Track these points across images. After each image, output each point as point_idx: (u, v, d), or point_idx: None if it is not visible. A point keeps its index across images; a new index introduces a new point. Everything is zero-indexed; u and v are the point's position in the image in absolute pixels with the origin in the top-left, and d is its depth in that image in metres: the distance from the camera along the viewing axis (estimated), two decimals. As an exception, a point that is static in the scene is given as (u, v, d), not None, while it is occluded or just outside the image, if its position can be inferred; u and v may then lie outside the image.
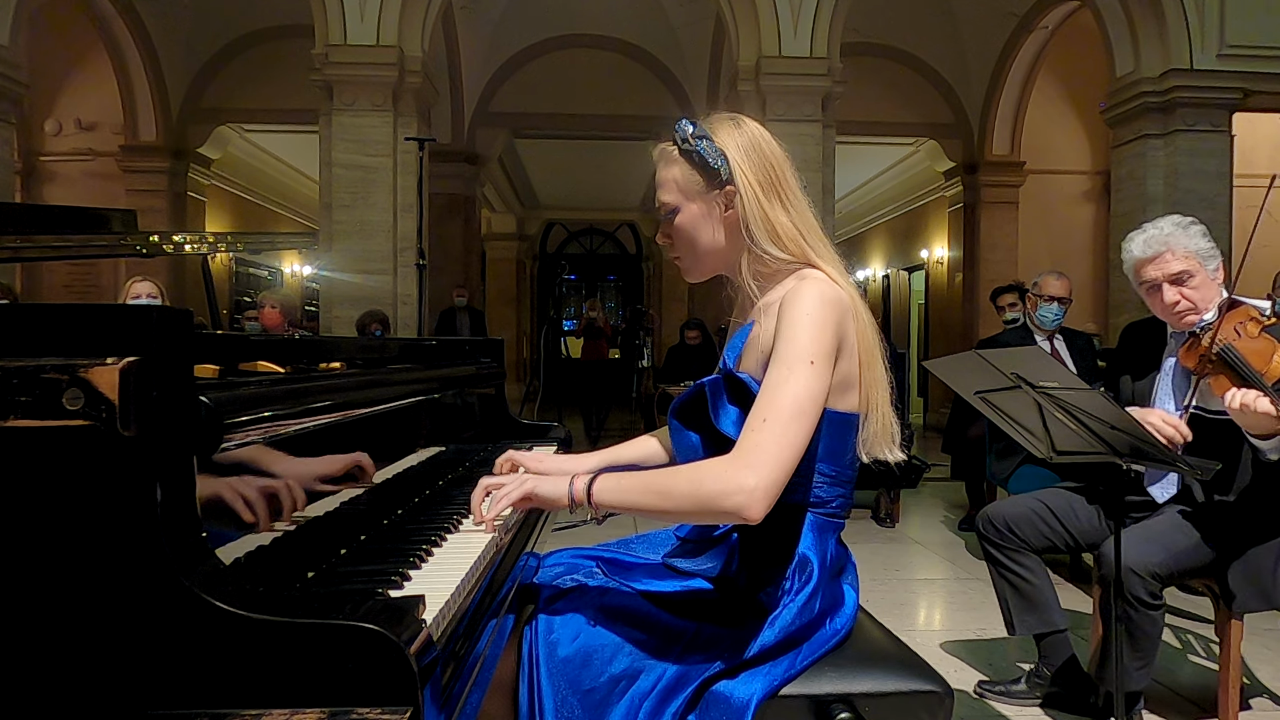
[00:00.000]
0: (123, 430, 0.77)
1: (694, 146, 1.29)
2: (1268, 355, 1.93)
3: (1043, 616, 2.39)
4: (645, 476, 1.25)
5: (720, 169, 1.28)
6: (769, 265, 1.30)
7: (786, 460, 1.14)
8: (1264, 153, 8.73)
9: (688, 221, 1.33)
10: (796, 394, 1.16)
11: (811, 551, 1.27)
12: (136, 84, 8.87)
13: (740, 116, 1.34)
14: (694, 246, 1.35)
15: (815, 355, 1.18)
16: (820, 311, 1.20)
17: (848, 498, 1.34)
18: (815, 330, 1.19)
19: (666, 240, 1.38)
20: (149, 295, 3.74)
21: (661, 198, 1.35)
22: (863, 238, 14.54)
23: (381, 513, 1.39)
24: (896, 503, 5.10)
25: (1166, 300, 2.18)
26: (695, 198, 1.32)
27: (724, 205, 1.30)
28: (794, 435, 1.15)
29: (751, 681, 1.22)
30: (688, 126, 1.31)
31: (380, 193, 6.60)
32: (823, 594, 1.29)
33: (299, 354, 1.51)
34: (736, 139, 1.30)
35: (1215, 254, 2.19)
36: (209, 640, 0.77)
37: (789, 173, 1.32)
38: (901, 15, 9.05)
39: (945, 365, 1.85)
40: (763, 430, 1.15)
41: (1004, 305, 5.30)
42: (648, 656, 1.25)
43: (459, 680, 0.92)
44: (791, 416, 1.15)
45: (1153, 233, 2.22)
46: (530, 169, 14.25)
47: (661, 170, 1.35)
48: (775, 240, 1.29)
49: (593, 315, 11.11)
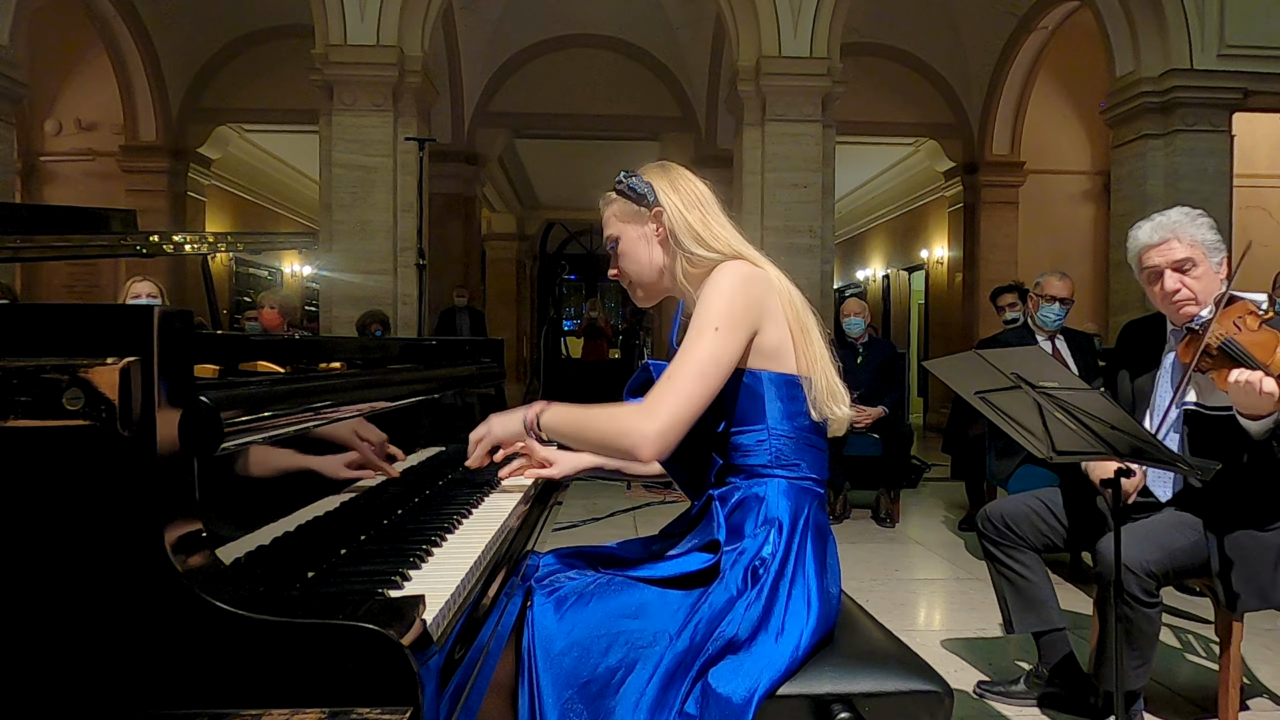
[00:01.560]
0: (123, 430, 0.77)
1: (626, 184, 1.51)
2: (1271, 348, 1.92)
3: (1041, 615, 2.39)
4: (579, 411, 1.44)
5: (646, 194, 1.49)
6: (699, 265, 1.45)
7: (683, 411, 1.31)
8: (1264, 153, 8.74)
9: (628, 246, 1.52)
10: (700, 356, 1.32)
11: (784, 513, 1.36)
12: (136, 84, 8.87)
13: (669, 163, 1.56)
14: (637, 268, 1.52)
15: (720, 323, 1.34)
16: (730, 285, 1.37)
17: (818, 464, 1.43)
18: (723, 302, 1.35)
19: (616, 272, 1.57)
20: (149, 295, 3.74)
21: (606, 233, 1.55)
22: (863, 238, 14.55)
23: (381, 513, 1.40)
24: (896, 503, 5.10)
25: (1167, 287, 2.18)
26: (630, 222, 1.51)
27: (655, 225, 1.49)
28: (692, 390, 1.31)
29: (751, 669, 1.24)
30: (622, 173, 1.54)
31: (380, 193, 6.61)
32: (798, 551, 1.34)
33: (299, 354, 1.51)
34: (664, 175, 1.51)
35: (1220, 248, 2.19)
36: (209, 640, 0.77)
37: (712, 200, 1.51)
38: (901, 15, 9.05)
39: (945, 365, 1.85)
40: (666, 386, 1.33)
41: (1004, 305, 5.31)
42: (644, 644, 1.27)
43: (459, 680, 0.91)
44: (692, 375, 1.32)
45: (1160, 220, 2.23)
46: (530, 169, 14.25)
47: (604, 213, 1.55)
48: (701, 243, 1.45)
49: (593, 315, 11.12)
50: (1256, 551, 2.12)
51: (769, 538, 1.34)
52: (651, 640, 1.27)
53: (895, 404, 5.18)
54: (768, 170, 6.86)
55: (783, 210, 6.84)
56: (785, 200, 6.84)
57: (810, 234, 6.84)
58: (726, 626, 1.27)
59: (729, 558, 1.34)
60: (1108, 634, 2.13)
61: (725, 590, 1.30)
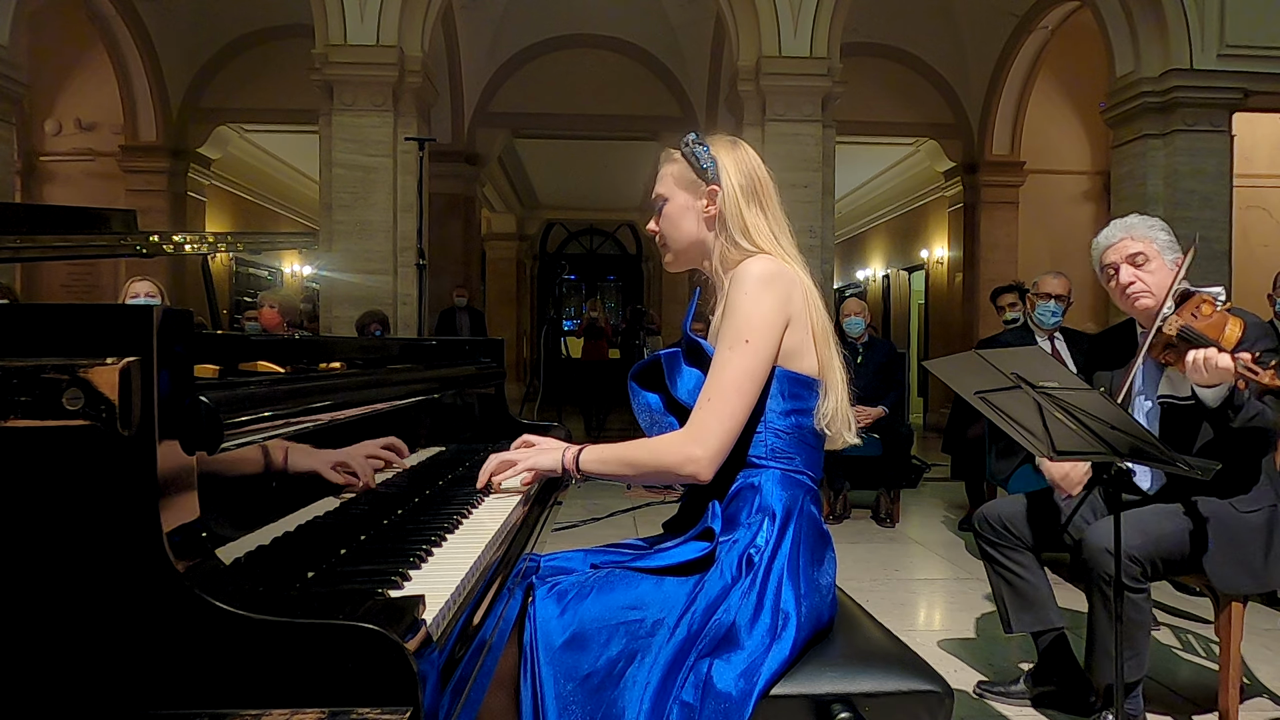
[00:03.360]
0: (122, 430, 0.77)
1: (693, 149, 1.50)
2: (1221, 326, 2.03)
3: (1039, 615, 2.40)
4: (618, 449, 1.47)
5: (709, 170, 1.48)
6: (734, 255, 1.47)
7: (728, 431, 1.36)
8: (1264, 153, 8.73)
9: (675, 211, 1.52)
10: (735, 374, 1.36)
11: (777, 503, 1.39)
12: (136, 84, 8.86)
13: (740, 141, 1.55)
14: (677, 234, 1.53)
15: (750, 333, 1.36)
16: (756, 288, 1.38)
17: (813, 461, 1.45)
18: (751, 307, 1.37)
19: (654, 229, 1.57)
20: (149, 295, 3.73)
21: (657, 189, 1.55)
22: (863, 238, 14.54)
23: (381, 513, 1.40)
24: (896, 503, 5.10)
25: (1122, 280, 2.29)
26: (684, 190, 1.51)
27: (707, 202, 1.49)
28: (733, 409, 1.36)
29: (748, 658, 1.26)
30: (692, 135, 1.52)
31: (380, 193, 6.60)
32: (791, 542, 1.36)
33: (299, 354, 1.52)
34: (730, 153, 1.50)
35: (1174, 248, 2.30)
36: (209, 640, 0.77)
37: (773, 191, 1.52)
38: (901, 15, 9.04)
39: (945, 365, 1.85)
40: (707, 409, 1.37)
41: (1004, 305, 5.30)
42: (643, 634, 1.29)
43: (459, 679, 0.92)
44: (731, 394, 1.36)
45: (1117, 222, 2.38)
46: (530, 169, 14.24)
47: (662, 167, 1.55)
48: (745, 235, 1.46)
49: (593, 315, 11.11)
50: (1242, 533, 2.17)
51: (762, 527, 1.36)
52: (651, 630, 1.29)
53: (895, 404, 5.18)
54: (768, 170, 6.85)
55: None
56: (785, 200, 6.79)
57: (810, 234, 6.84)
58: (723, 614, 1.30)
59: (724, 546, 1.36)
60: (1095, 623, 2.16)
61: (720, 578, 1.33)
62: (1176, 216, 6.74)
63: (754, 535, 1.36)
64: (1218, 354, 1.94)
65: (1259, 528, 2.17)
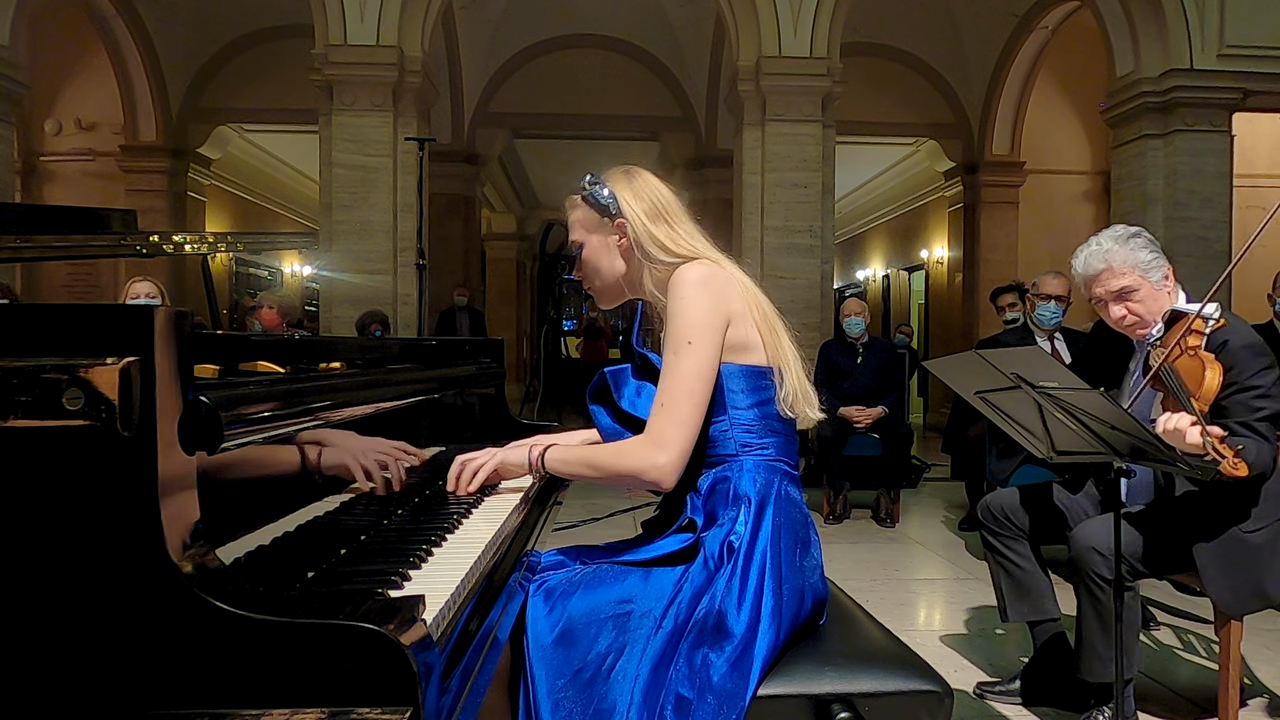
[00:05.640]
0: (122, 430, 0.77)
1: (590, 191, 1.55)
2: (1199, 374, 1.97)
3: (1035, 604, 2.42)
4: (583, 451, 1.53)
5: (610, 205, 1.52)
6: (664, 272, 1.49)
7: (686, 434, 1.39)
8: (1264, 153, 8.73)
9: (591, 253, 1.57)
10: (684, 376, 1.39)
11: (752, 489, 1.40)
12: (136, 84, 8.86)
13: (634, 168, 1.58)
14: (599, 273, 1.58)
15: (692, 335, 1.39)
16: (693, 291, 1.41)
17: (787, 448, 1.48)
18: (689, 309, 1.40)
19: (579, 274, 1.62)
20: (149, 295, 3.74)
21: (571, 237, 1.60)
22: (863, 238, 14.54)
23: (381, 513, 1.40)
24: (896, 503, 5.10)
25: (1114, 316, 2.24)
26: (594, 231, 1.56)
27: (619, 235, 1.53)
28: (688, 412, 1.39)
29: (738, 645, 1.27)
30: (588, 177, 1.57)
31: (380, 193, 6.60)
32: (771, 526, 1.37)
33: (299, 354, 1.51)
34: (627, 184, 1.54)
35: (1159, 264, 2.20)
36: (209, 640, 0.77)
37: (677, 206, 1.54)
38: (901, 15, 9.04)
39: (945, 365, 1.85)
40: (663, 415, 1.39)
41: (1004, 305, 5.30)
42: (631, 627, 1.30)
43: (459, 679, 0.92)
44: (683, 397, 1.39)
45: (1094, 248, 2.24)
46: (530, 169, 14.24)
47: (570, 215, 1.60)
48: (665, 250, 1.50)
49: (593, 315, 11.12)
50: (1245, 554, 2.13)
51: (740, 513, 1.38)
52: (638, 623, 1.30)
53: (895, 404, 5.18)
54: (768, 170, 6.86)
55: (783, 210, 6.85)
56: (785, 200, 6.84)
57: (810, 234, 6.84)
58: (708, 603, 1.31)
59: (706, 536, 1.38)
60: (1084, 620, 2.16)
61: (704, 568, 1.35)
62: (1176, 216, 6.75)
63: (734, 523, 1.38)
64: (1188, 427, 1.87)
65: (1262, 546, 2.13)
